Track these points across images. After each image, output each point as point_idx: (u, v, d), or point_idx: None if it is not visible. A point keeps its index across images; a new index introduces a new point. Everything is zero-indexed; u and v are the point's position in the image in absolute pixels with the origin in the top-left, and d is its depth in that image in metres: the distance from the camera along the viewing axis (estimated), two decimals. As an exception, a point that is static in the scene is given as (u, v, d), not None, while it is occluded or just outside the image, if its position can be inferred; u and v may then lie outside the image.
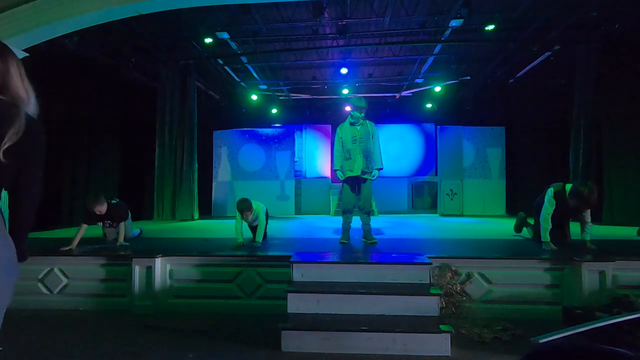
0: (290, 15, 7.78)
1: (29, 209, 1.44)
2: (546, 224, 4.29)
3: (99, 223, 4.84)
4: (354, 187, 4.80)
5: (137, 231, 5.50)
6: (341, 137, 4.81)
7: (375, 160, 4.78)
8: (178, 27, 7.97)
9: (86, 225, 4.62)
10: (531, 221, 5.18)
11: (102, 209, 4.60)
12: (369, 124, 4.80)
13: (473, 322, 3.44)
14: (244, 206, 4.68)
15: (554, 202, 4.31)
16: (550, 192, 4.38)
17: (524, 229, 5.46)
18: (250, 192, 10.45)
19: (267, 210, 5.00)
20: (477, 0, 7.01)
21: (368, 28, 8.61)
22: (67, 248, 4.23)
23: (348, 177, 4.75)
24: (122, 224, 4.78)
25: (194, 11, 7.19)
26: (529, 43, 8.50)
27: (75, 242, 4.38)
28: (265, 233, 4.96)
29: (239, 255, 4.06)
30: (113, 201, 4.85)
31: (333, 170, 4.97)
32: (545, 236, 4.25)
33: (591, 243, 4.26)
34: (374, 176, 4.77)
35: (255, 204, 4.79)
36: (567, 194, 4.25)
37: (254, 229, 4.91)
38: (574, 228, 4.86)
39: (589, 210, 4.29)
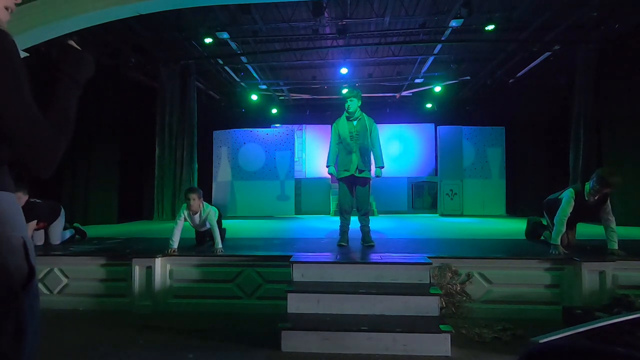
0: (290, 15, 7.78)
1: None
2: (561, 227, 4.08)
3: None
4: (351, 186, 4.54)
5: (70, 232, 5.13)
6: (338, 134, 4.54)
7: (375, 158, 4.54)
8: (178, 27, 7.97)
9: None
10: (544, 221, 4.92)
11: (20, 200, 4.04)
12: (367, 119, 4.54)
13: (473, 322, 3.44)
14: (193, 190, 4.18)
15: (573, 203, 4.10)
16: (570, 193, 4.16)
17: (546, 232, 4.81)
18: (250, 192, 10.49)
19: (220, 214, 4.56)
20: (477, 0, 7.02)
21: (368, 28, 8.61)
22: None
23: (343, 177, 4.50)
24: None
25: (194, 11, 7.20)
26: (529, 43, 8.50)
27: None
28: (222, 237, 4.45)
29: (239, 255, 4.06)
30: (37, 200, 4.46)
31: (326, 166, 4.63)
32: (557, 239, 4.05)
33: (620, 250, 3.86)
34: (376, 175, 4.54)
35: (205, 204, 4.36)
36: (585, 194, 4.06)
37: (202, 234, 4.60)
38: (582, 229, 4.84)
39: (610, 208, 3.99)
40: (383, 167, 4.59)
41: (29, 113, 1.01)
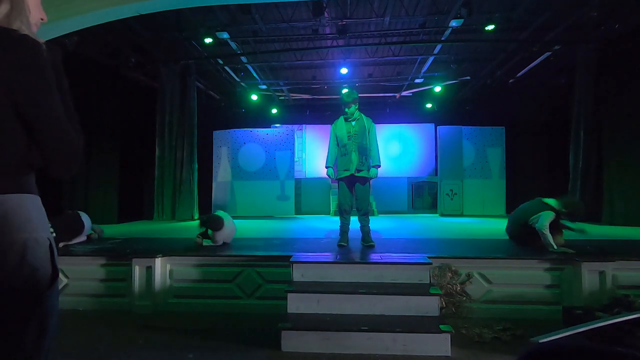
0: (290, 15, 7.78)
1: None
2: (547, 232, 4.13)
3: None
4: (350, 186, 4.55)
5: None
6: (336, 134, 4.57)
7: (372, 157, 4.53)
8: (178, 27, 7.97)
9: None
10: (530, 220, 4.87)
11: None
12: (365, 119, 4.56)
13: (473, 322, 3.44)
14: (216, 226, 4.45)
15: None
16: (551, 216, 4.23)
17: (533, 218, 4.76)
18: (250, 192, 10.48)
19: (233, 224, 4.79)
20: (477, 0, 7.02)
21: (368, 28, 8.61)
22: None
23: (343, 176, 4.49)
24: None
25: (194, 11, 7.20)
26: (529, 43, 8.50)
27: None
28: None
29: (239, 255, 4.06)
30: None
31: (325, 167, 4.68)
32: (553, 244, 4.06)
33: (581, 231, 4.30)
34: (372, 174, 4.52)
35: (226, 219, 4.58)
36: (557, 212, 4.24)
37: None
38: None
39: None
40: (379, 166, 4.59)
41: (59, 119, 1.06)
